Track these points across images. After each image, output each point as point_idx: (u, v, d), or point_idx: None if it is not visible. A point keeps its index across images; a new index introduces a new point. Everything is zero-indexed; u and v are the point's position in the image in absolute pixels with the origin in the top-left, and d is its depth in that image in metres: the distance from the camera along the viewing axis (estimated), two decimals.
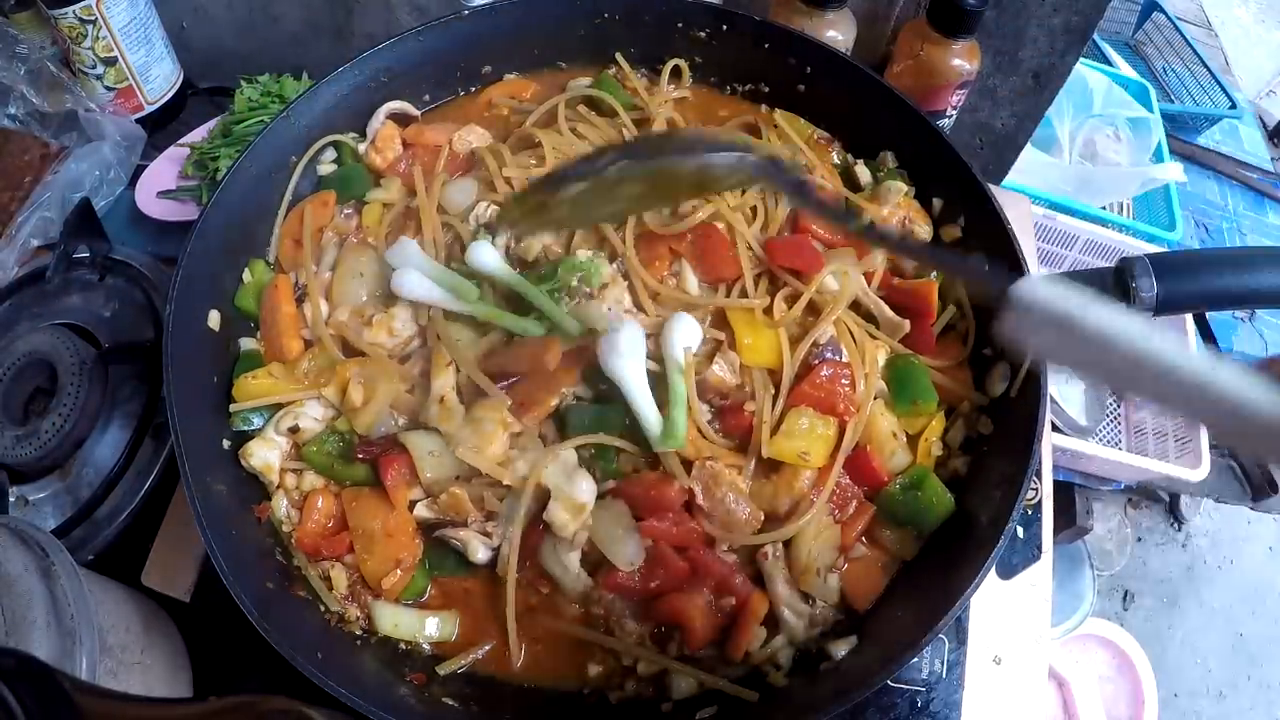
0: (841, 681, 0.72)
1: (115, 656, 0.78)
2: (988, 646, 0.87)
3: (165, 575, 0.88)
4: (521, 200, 0.69)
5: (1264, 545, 2.12)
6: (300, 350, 0.88)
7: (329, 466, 0.83)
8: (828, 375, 0.84)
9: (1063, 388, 1.40)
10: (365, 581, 0.80)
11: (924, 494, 0.80)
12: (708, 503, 0.79)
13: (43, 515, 0.96)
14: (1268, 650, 2.01)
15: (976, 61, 1.09)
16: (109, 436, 0.98)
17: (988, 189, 0.92)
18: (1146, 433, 1.56)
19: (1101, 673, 1.63)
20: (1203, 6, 2.25)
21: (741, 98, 1.10)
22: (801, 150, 1.00)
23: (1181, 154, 1.81)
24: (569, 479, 0.77)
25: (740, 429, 0.83)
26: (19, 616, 0.69)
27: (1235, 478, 1.71)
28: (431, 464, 0.80)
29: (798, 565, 0.79)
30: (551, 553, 0.78)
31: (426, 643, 0.80)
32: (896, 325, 0.89)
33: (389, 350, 0.86)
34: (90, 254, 1.09)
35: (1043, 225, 1.52)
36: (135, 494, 0.95)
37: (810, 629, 0.79)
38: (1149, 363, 0.53)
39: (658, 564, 0.77)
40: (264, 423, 0.85)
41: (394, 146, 1.00)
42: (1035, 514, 0.95)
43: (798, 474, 0.80)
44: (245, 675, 0.82)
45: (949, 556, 0.79)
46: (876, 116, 1.00)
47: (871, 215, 0.95)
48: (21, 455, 0.96)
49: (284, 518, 0.83)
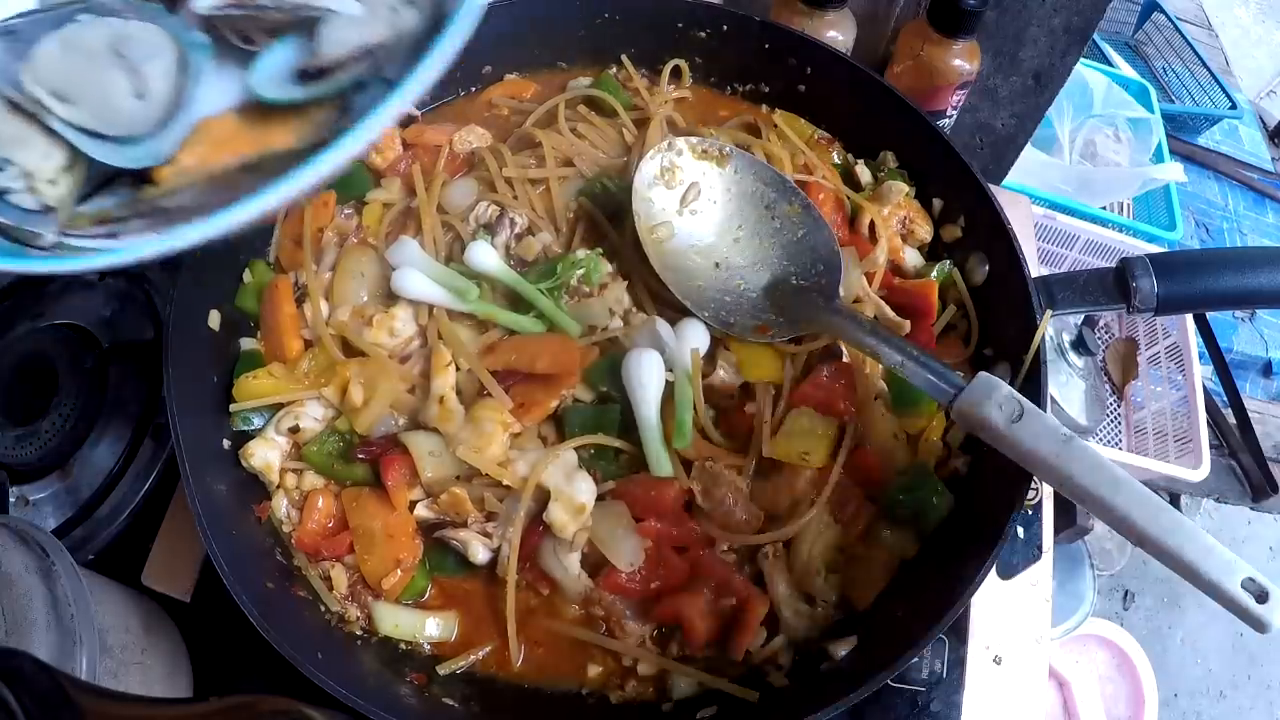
0: (842, 681, 0.72)
1: (115, 656, 0.78)
2: (988, 646, 0.87)
3: (165, 575, 0.88)
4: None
5: (1264, 545, 2.12)
6: (300, 350, 0.88)
7: (329, 466, 0.83)
8: (828, 375, 0.84)
9: (1063, 388, 1.40)
10: (365, 581, 0.80)
11: (924, 494, 0.80)
12: (708, 503, 0.79)
13: (43, 515, 0.96)
14: (1268, 650, 2.01)
15: (977, 62, 1.09)
16: (109, 436, 0.98)
17: (988, 189, 0.92)
18: (1147, 433, 1.56)
19: (1102, 673, 1.63)
20: (1202, 6, 2.25)
21: (742, 98, 1.10)
22: (801, 150, 1.00)
23: (1181, 154, 1.81)
24: (569, 480, 0.77)
25: (741, 429, 0.83)
26: (19, 616, 0.69)
27: (1235, 478, 1.71)
28: (432, 464, 0.80)
29: (798, 565, 0.79)
30: (551, 554, 0.78)
31: (426, 643, 0.80)
32: (897, 325, 0.89)
33: (389, 350, 0.86)
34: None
35: (1043, 225, 1.52)
36: (135, 494, 0.95)
37: (811, 629, 0.79)
38: (1057, 475, 0.67)
39: (658, 564, 0.77)
40: (264, 423, 0.85)
41: (394, 146, 1.00)
42: (1035, 514, 0.95)
43: (798, 474, 0.80)
44: (245, 675, 0.82)
45: (949, 556, 0.79)
46: (877, 116, 1.00)
47: (872, 214, 0.96)
48: (21, 455, 0.96)
49: (284, 518, 0.83)
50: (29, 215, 0.62)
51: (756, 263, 0.89)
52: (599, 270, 0.85)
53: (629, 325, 0.85)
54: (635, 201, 0.86)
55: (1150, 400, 1.59)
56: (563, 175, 0.95)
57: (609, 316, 0.85)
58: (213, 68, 0.66)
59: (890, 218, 0.96)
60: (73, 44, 0.63)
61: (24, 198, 0.62)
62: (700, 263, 0.88)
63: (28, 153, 0.61)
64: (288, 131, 0.67)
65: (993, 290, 0.92)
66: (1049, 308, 0.85)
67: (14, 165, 0.61)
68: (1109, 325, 1.74)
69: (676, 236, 0.88)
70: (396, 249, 0.87)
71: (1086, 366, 1.43)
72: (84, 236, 0.64)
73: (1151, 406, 1.58)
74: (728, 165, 0.91)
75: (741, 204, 0.91)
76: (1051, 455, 0.67)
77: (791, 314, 0.85)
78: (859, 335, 0.79)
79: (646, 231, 0.86)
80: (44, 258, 0.60)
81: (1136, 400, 1.64)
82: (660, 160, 0.89)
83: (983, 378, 0.72)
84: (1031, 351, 0.83)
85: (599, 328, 0.85)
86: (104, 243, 0.64)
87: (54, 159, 0.63)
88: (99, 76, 0.63)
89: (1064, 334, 1.42)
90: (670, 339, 0.81)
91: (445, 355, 0.83)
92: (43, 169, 0.63)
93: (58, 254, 0.61)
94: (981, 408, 0.70)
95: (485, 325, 0.86)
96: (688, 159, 0.90)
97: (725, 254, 0.90)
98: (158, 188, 0.66)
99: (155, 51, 0.65)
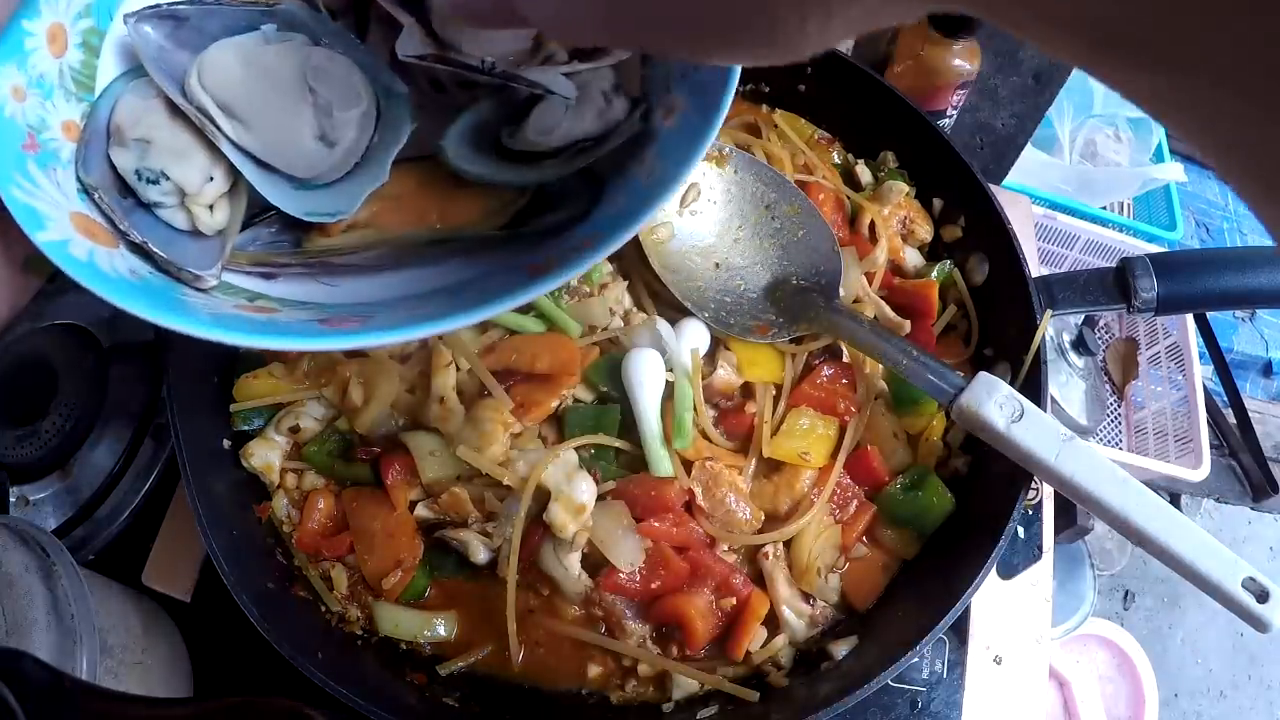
0: (842, 681, 0.72)
1: (115, 656, 0.78)
2: (988, 646, 0.87)
3: (165, 575, 0.88)
4: None
5: (1264, 545, 2.12)
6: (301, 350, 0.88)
7: (330, 466, 0.83)
8: (829, 375, 0.84)
9: (1063, 388, 1.40)
10: (366, 582, 0.80)
11: (925, 494, 0.80)
12: (708, 503, 0.79)
13: (43, 515, 0.96)
14: (1268, 650, 2.01)
15: (977, 62, 1.09)
16: (109, 436, 0.98)
17: (988, 189, 0.92)
18: (1147, 433, 1.56)
19: (1102, 673, 1.63)
20: None
21: (742, 98, 1.10)
22: (802, 150, 1.00)
23: (1182, 154, 1.81)
24: (569, 480, 0.77)
25: (741, 429, 0.83)
26: (19, 616, 0.69)
27: (1236, 478, 1.71)
28: (432, 464, 0.80)
29: (798, 565, 0.79)
30: (551, 555, 0.78)
31: (427, 643, 0.80)
32: (897, 325, 0.89)
33: (389, 350, 0.85)
34: None
35: (1043, 225, 1.52)
36: (136, 494, 0.95)
37: (811, 629, 0.79)
38: (1057, 475, 0.67)
39: (658, 565, 0.77)
40: (264, 422, 0.85)
41: None
42: (1036, 514, 0.95)
43: (798, 474, 0.80)
44: (245, 675, 0.82)
45: (950, 556, 0.79)
46: (877, 116, 1.00)
47: (872, 214, 0.96)
48: (22, 455, 0.96)
49: (284, 518, 0.83)
50: (181, 243, 0.53)
51: (757, 263, 0.89)
52: (599, 270, 0.85)
53: (629, 325, 0.85)
54: None
55: (1150, 400, 1.60)
56: None
57: (609, 316, 0.85)
58: (409, 121, 0.55)
59: (890, 218, 0.96)
60: (255, 61, 0.53)
61: (176, 215, 0.52)
62: (700, 263, 0.88)
63: (187, 168, 0.51)
64: (473, 209, 0.57)
65: (993, 290, 0.92)
66: (1049, 307, 0.85)
67: (169, 181, 0.51)
68: (1109, 325, 1.74)
69: (676, 237, 0.88)
70: None
71: (1087, 366, 1.43)
72: (239, 272, 0.55)
73: (1152, 406, 1.58)
74: (727, 165, 0.91)
75: (741, 204, 0.91)
76: (1052, 455, 0.67)
77: (792, 314, 0.85)
78: (859, 335, 0.79)
79: (646, 232, 0.86)
80: (230, 323, 0.48)
81: (1137, 400, 1.65)
82: None
83: (983, 378, 0.72)
84: (1032, 351, 0.83)
85: (599, 327, 0.85)
86: (260, 284, 0.55)
87: (216, 183, 0.53)
88: (284, 107, 0.53)
89: (1064, 334, 1.42)
90: (670, 339, 0.81)
91: (445, 355, 0.83)
92: (204, 192, 0.53)
93: (241, 313, 0.50)
94: (982, 408, 0.70)
95: (485, 325, 0.86)
96: None
97: (725, 254, 0.90)
98: (328, 239, 0.56)
99: (351, 94, 0.54)
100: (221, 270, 0.52)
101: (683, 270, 0.87)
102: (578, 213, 0.56)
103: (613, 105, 0.57)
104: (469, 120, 0.57)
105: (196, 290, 0.51)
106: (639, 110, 0.56)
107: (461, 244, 0.57)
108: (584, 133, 0.55)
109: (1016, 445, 0.69)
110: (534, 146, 0.56)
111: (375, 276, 0.55)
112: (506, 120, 0.57)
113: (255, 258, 0.55)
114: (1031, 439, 0.69)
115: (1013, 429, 0.69)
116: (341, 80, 0.54)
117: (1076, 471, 0.67)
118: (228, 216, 0.54)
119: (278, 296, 0.54)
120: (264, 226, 0.56)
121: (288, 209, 0.54)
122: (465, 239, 0.57)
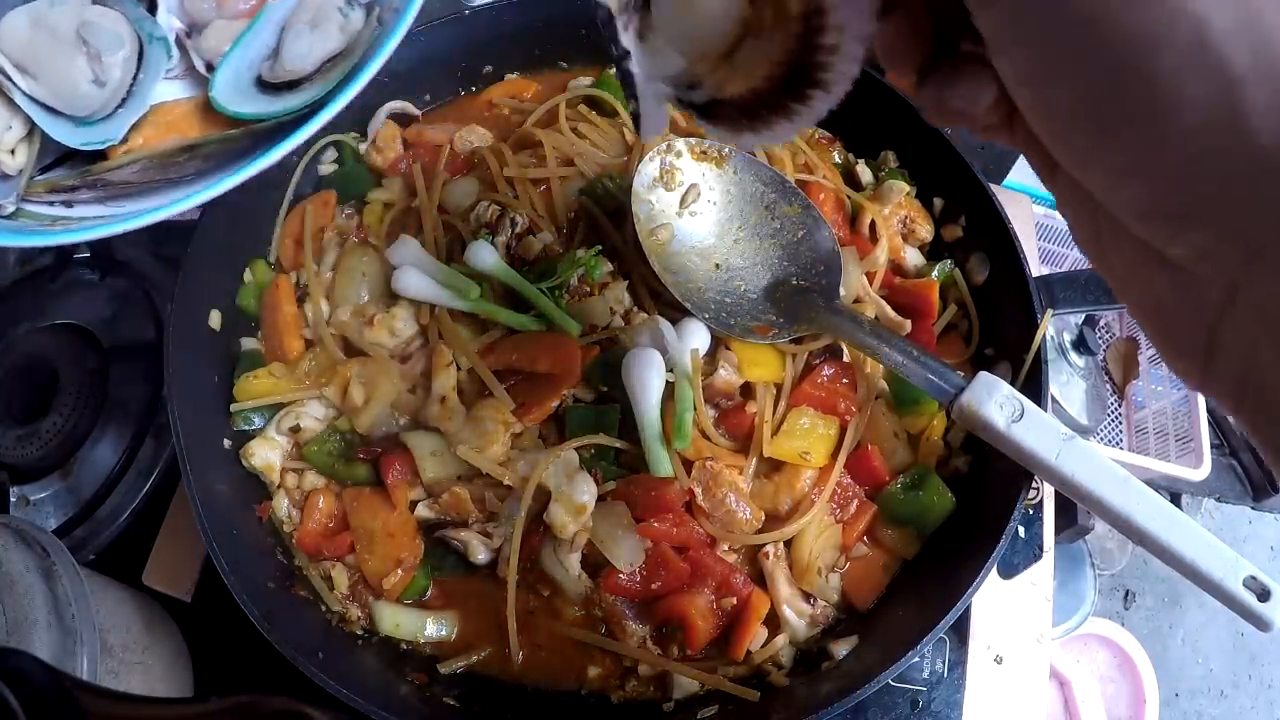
0: (843, 681, 0.72)
1: (116, 656, 0.78)
2: (989, 646, 0.87)
3: (166, 575, 0.88)
4: None
5: (1265, 545, 2.12)
6: (301, 350, 0.88)
7: (330, 466, 0.83)
8: (829, 375, 0.84)
9: (1064, 387, 1.40)
10: (366, 581, 0.80)
11: (925, 493, 0.80)
12: (708, 503, 0.79)
13: (44, 515, 0.96)
14: (1269, 649, 2.01)
15: None
16: (110, 436, 0.98)
17: (989, 188, 0.92)
18: (1148, 432, 1.56)
19: (1103, 672, 1.63)
20: None
21: None
22: (802, 150, 1.00)
23: None
24: (569, 480, 0.77)
25: (741, 429, 0.83)
26: (20, 616, 0.69)
27: (1236, 477, 1.71)
28: (433, 464, 0.80)
29: (799, 565, 0.79)
30: (552, 555, 0.78)
31: (427, 643, 0.80)
32: (898, 325, 0.89)
33: (390, 350, 0.86)
34: (91, 254, 1.09)
35: (1044, 225, 1.52)
36: (136, 494, 0.95)
37: (811, 628, 0.79)
38: (1058, 475, 0.68)
39: (658, 565, 0.77)
40: (265, 422, 0.85)
41: (395, 146, 1.00)
42: (1036, 513, 0.95)
43: (799, 474, 0.80)
44: (246, 675, 0.82)
45: (950, 556, 0.79)
46: (877, 116, 1.00)
47: (872, 214, 0.95)
48: (22, 455, 0.96)
49: (285, 517, 0.83)
50: None
51: (757, 263, 0.89)
52: (599, 269, 0.85)
53: (629, 325, 0.85)
54: (635, 204, 0.86)
55: (1151, 399, 1.59)
56: (564, 175, 0.95)
57: (609, 316, 0.85)
58: (168, 61, 0.73)
59: (891, 217, 0.96)
60: (41, 22, 0.68)
61: None
62: (700, 264, 0.88)
63: None
64: (222, 121, 0.75)
65: (994, 290, 0.92)
66: (1050, 307, 0.85)
67: None
68: (1110, 325, 1.74)
69: (677, 238, 0.88)
70: (397, 248, 0.87)
71: (1087, 366, 1.43)
72: (41, 203, 0.69)
73: (1152, 406, 1.58)
74: (727, 166, 0.91)
75: (741, 205, 0.91)
76: (1052, 455, 0.67)
77: (792, 314, 0.85)
78: (859, 335, 0.79)
79: (646, 234, 0.86)
80: (27, 231, 0.65)
81: (1137, 400, 1.64)
82: (659, 162, 0.88)
83: (983, 377, 0.72)
84: (1032, 351, 0.83)
85: (599, 327, 0.85)
86: (61, 210, 0.70)
87: (14, 130, 0.68)
88: (63, 58, 0.68)
89: (1065, 333, 1.42)
90: (671, 339, 0.81)
91: (446, 355, 0.83)
92: (3, 139, 0.68)
93: (41, 227, 0.66)
94: (982, 407, 0.70)
95: (486, 325, 0.86)
96: (687, 160, 0.90)
97: (725, 255, 0.89)
98: (106, 162, 0.72)
99: (116, 42, 0.70)
100: (18, 200, 0.68)
101: (683, 271, 0.87)
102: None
103: (350, 18, 0.73)
104: (230, 64, 0.73)
105: (3, 219, 0.68)
106: (374, 15, 0.72)
107: (209, 146, 0.73)
108: (331, 51, 0.70)
109: (1017, 445, 0.69)
110: (292, 75, 0.71)
111: (151, 196, 0.70)
112: (263, 57, 0.74)
113: (50, 184, 0.72)
114: (1032, 438, 0.69)
115: (1013, 429, 0.69)
116: (109, 30, 0.70)
117: (1077, 471, 0.66)
118: (27, 158, 0.70)
119: (76, 217, 0.71)
120: (66, 168, 0.74)
121: (68, 142, 0.70)
122: (212, 141, 0.73)
